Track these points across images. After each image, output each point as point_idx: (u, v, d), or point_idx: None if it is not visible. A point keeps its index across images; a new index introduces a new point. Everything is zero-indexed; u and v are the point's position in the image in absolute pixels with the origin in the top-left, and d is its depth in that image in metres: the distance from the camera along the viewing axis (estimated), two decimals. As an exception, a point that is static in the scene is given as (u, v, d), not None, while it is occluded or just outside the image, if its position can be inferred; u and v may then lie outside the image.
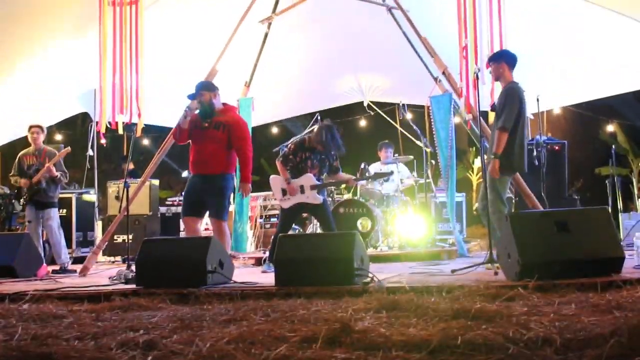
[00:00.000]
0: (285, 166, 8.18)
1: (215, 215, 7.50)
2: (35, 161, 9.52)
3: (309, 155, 8.13)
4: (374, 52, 12.11)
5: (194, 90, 7.58)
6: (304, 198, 8.01)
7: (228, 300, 5.25)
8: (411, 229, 10.29)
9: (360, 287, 5.36)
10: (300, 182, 8.03)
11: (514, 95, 7.01)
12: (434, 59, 9.20)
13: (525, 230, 5.52)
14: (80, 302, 5.49)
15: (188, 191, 7.69)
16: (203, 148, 7.47)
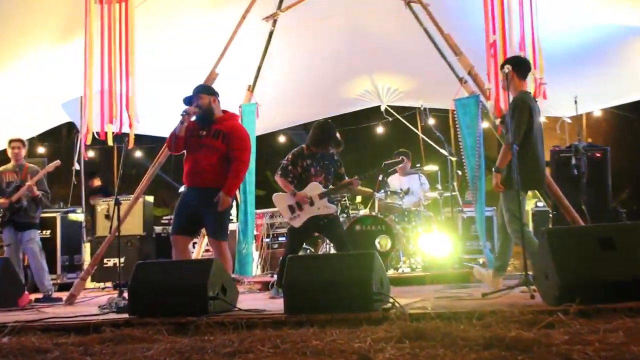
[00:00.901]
0: (286, 179, 8.20)
1: (215, 235, 7.44)
2: (16, 178, 9.55)
3: (310, 162, 8.19)
4: (391, 51, 12.12)
5: (192, 93, 7.52)
6: (316, 210, 8.04)
7: (232, 330, 5.24)
8: (436, 248, 10.23)
9: (379, 314, 5.33)
10: (307, 194, 8.05)
11: (523, 107, 7.02)
12: (458, 57, 9.20)
13: (565, 249, 5.48)
14: (66, 334, 5.48)
15: (181, 206, 7.59)
16: (200, 158, 7.36)
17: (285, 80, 12.52)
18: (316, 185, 8.07)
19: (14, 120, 11.52)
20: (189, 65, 10.92)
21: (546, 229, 5.84)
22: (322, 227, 8.26)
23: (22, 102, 11.07)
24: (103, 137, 9.01)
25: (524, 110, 7.02)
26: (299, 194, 8.03)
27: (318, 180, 8.12)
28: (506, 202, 7.09)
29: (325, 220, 8.14)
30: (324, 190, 8.06)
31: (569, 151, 10.47)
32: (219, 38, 9.91)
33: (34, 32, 9.63)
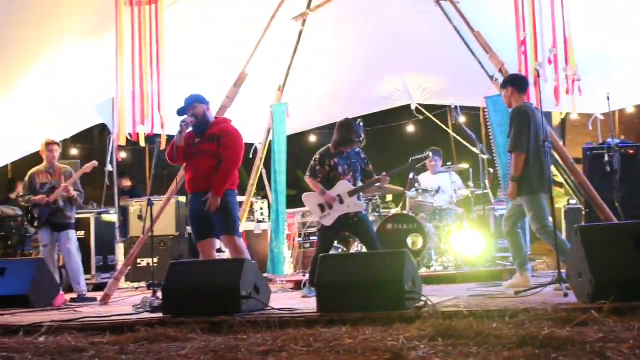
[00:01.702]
0: (315, 179, 8.25)
1: (226, 231, 7.51)
2: (50, 179, 9.63)
3: (338, 161, 8.22)
4: (421, 49, 12.08)
5: (185, 104, 7.60)
6: (345, 209, 8.08)
7: (265, 328, 5.26)
8: (468, 246, 10.21)
9: (412, 313, 5.33)
10: (337, 192, 8.09)
11: (520, 116, 7.30)
12: (489, 55, 9.16)
13: (598, 246, 5.45)
14: (101, 334, 5.55)
15: (193, 214, 7.67)
16: (200, 164, 7.50)
17: (315, 80, 12.54)
18: (345, 184, 8.10)
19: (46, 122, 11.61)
20: (219, 66, 10.96)
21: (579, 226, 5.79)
22: (352, 226, 8.29)
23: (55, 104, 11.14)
24: (135, 139, 9.06)
25: (522, 119, 7.27)
26: (327, 194, 8.08)
27: (347, 179, 8.15)
28: (526, 206, 7.30)
29: (355, 219, 8.17)
30: (354, 188, 8.08)
31: (602, 148, 10.36)
32: (248, 38, 9.93)
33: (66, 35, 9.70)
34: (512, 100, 7.54)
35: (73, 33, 9.74)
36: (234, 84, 9.49)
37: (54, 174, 9.68)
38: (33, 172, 9.77)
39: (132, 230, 12.04)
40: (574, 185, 10.75)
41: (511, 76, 7.95)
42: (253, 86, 10.02)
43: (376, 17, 11.47)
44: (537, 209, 7.24)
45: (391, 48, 12.16)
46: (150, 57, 8.86)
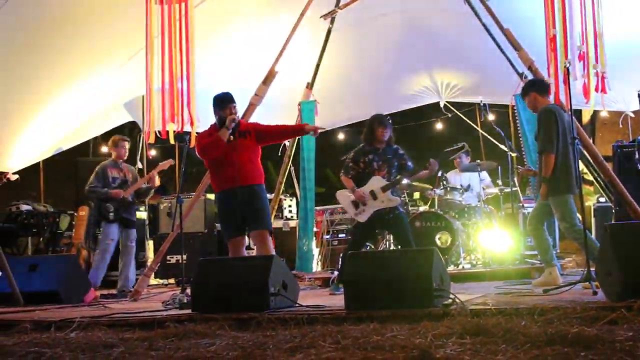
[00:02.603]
0: (347, 176, 8.24)
1: (259, 225, 7.55)
2: (119, 174, 9.74)
3: (372, 157, 8.18)
4: (449, 47, 12.08)
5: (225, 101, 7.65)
6: (380, 204, 8.01)
7: (293, 325, 5.26)
8: (496, 244, 10.16)
9: (440, 310, 5.31)
10: (370, 187, 8.04)
11: (547, 117, 7.28)
12: (518, 52, 9.12)
13: (628, 244, 5.40)
14: (131, 330, 5.57)
15: (227, 210, 7.68)
16: (236, 159, 7.54)
17: (343, 78, 12.55)
18: (378, 179, 8.04)
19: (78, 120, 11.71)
20: (248, 64, 10.99)
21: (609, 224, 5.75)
22: (388, 223, 8.22)
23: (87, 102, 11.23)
24: (165, 136, 9.09)
25: (549, 119, 7.25)
26: (357, 191, 8.04)
27: (381, 175, 8.08)
28: (553, 206, 7.30)
29: (391, 215, 8.09)
30: (387, 183, 8.00)
31: (632, 146, 10.29)
32: (277, 36, 9.95)
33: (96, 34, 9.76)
34: (537, 104, 7.54)
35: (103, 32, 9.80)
36: (263, 82, 9.52)
37: (121, 170, 9.79)
38: (105, 165, 9.81)
39: (161, 227, 12.10)
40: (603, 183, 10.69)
41: (530, 82, 7.97)
42: (282, 84, 10.03)
43: (405, 14, 11.48)
44: (564, 209, 7.22)
45: (419, 45, 12.17)
46: (180, 55, 8.87)
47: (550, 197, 7.27)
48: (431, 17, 11.46)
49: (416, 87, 13.69)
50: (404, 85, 13.54)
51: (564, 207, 7.21)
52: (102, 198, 9.52)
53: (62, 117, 11.31)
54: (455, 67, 13.00)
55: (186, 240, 10.26)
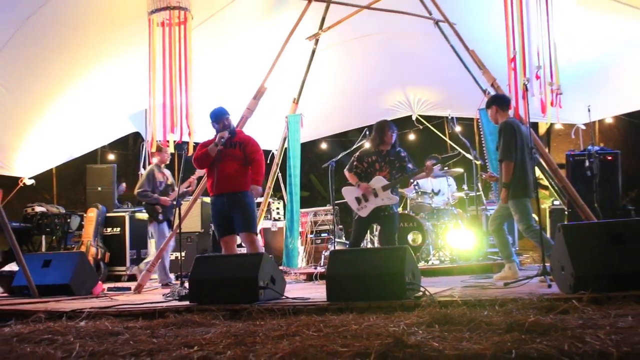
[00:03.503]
0: (351, 172, 8.27)
1: (245, 228, 7.64)
2: (163, 178, 9.73)
3: (375, 158, 8.19)
4: (421, 66, 12.13)
5: (215, 117, 7.75)
6: (380, 202, 8.06)
7: (280, 315, 5.27)
8: (462, 242, 10.20)
9: (412, 302, 5.33)
10: (372, 186, 8.08)
11: (507, 129, 7.34)
12: (482, 71, 9.17)
13: (579, 242, 5.44)
14: (135, 319, 5.57)
15: (217, 213, 7.78)
16: (225, 168, 7.63)
17: (326, 93, 12.57)
18: (380, 179, 8.06)
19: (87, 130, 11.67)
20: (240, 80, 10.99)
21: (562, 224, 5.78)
22: (382, 219, 8.22)
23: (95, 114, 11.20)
24: (165, 145, 9.08)
25: (508, 132, 7.30)
26: (363, 185, 8.08)
27: (382, 175, 8.09)
28: (512, 209, 7.35)
29: (387, 212, 8.13)
30: (387, 183, 8.03)
31: (583, 154, 10.38)
32: (267, 56, 9.95)
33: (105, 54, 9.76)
34: (498, 117, 7.60)
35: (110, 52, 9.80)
36: (254, 97, 9.51)
37: (164, 174, 9.84)
38: (152, 170, 9.79)
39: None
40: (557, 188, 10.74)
41: (493, 97, 8.01)
42: (271, 99, 10.03)
43: (381, 36, 11.51)
44: (522, 211, 7.26)
45: (394, 64, 12.20)
46: (179, 72, 8.85)
47: (510, 201, 7.31)
48: (404, 39, 11.49)
49: (391, 102, 13.71)
50: (380, 100, 13.57)
51: (521, 209, 7.26)
52: (152, 202, 9.51)
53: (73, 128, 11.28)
54: (426, 84, 13.05)
55: (184, 239, 10.24)
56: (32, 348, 4.09)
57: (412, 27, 10.74)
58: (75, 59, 9.71)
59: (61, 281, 8.05)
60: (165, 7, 8.74)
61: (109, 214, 11.95)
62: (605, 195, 9.84)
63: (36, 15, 8.70)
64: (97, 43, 9.50)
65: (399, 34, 11.37)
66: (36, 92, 10.05)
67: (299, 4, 9.95)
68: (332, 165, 9.30)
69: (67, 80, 10.09)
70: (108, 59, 9.92)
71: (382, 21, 10.72)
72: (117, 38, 9.52)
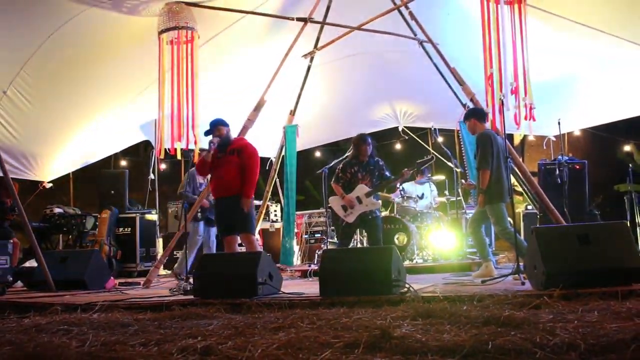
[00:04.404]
0: (338, 184, 8.31)
1: (244, 229, 7.67)
2: (203, 180, 9.73)
3: (357, 168, 8.25)
4: (407, 81, 12.16)
5: (210, 127, 7.83)
6: (364, 207, 8.11)
7: (277, 309, 5.26)
8: (444, 243, 10.21)
9: (398, 297, 5.33)
10: (356, 194, 8.13)
11: (484, 140, 7.39)
12: (462, 87, 9.18)
13: (550, 243, 5.45)
14: (144, 312, 5.56)
15: (219, 214, 7.86)
16: (223, 173, 7.64)
17: (320, 106, 12.59)
18: (363, 187, 8.12)
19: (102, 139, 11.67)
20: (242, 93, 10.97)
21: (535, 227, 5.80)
22: (368, 223, 8.24)
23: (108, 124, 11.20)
24: (173, 152, 9.06)
25: (485, 143, 7.33)
26: (346, 197, 8.13)
27: (364, 183, 8.15)
28: (489, 212, 7.34)
29: (371, 217, 8.18)
30: (369, 190, 8.09)
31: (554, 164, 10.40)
32: (266, 71, 9.95)
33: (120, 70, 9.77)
34: (476, 129, 7.64)
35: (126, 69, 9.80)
36: (254, 109, 9.49)
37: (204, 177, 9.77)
38: (193, 173, 9.70)
39: (169, 227, 12.03)
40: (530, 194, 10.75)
41: (471, 110, 8.08)
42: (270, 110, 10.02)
43: (370, 55, 11.52)
44: (498, 215, 7.27)
45: (382, 80, 12.22)
46: (186, 86, 8.84)
47: (487, 205, 7.31)
48: (392, 57, 11.49)
49: (379, 114, 13.73)
50: (370, 112, 13.59)
51: (497, 213, 7.26)
52: (192, 202, 9.44)
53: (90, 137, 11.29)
54: (411, 98, 13.07)
55: (190, 238, 10.19)
56: (49, 338, 4.08)
57: (399, 46, 10.76)
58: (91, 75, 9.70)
59: (77, 276, 8.04)
60: (174, 27, 8.74)
61: (121, 215, 11.92)
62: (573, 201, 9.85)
63: (57, 32, 8.70)
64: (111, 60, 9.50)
65: (387, 52, 11.38)
66: (56, 105, 10.05)
67: (295, 25, 9.95)
68: (325, 171, 9.35)
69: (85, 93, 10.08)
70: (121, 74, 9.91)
71: (371, 41, 10.71)
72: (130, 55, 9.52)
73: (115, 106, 10.74)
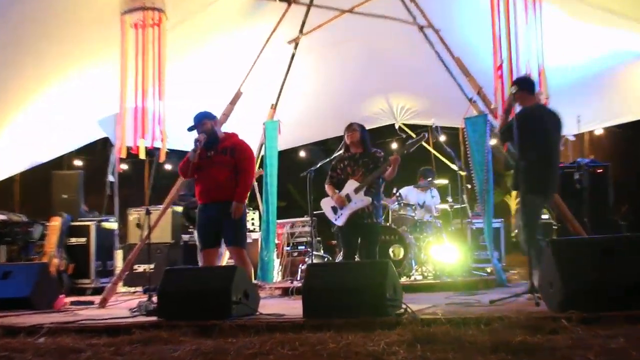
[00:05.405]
0: (329, 184, 8.19)
1: (235, 242, 7.57)
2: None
3: (347, 163, 8.11)
4: (405, 72, 12.15)
5: (193, 122, 7.72)
6: (353, 206, 7.85)
7: (254, 333, 5.23)
8: (446, 257, 10.21)
9: (393, 319, 5.31)
10: (345, 192, 7.94)
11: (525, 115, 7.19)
12: (468, 79, 9.19)
13: (568, 258, 5.45)
14: (98, 336, 5.50)
15: (204, 223, 7.70)
16: (213, 175, 7.57)
17: (305, 99, 12.56)
18: (352, 183, 7.91)
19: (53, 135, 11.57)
20: (216, 84, 10.94)
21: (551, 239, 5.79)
22: (361, 229, 7.96)
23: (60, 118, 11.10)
24: (135, 151, 9.01)
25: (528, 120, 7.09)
26: (336, 196, 7.96)
27: (355, 179, 7.93)
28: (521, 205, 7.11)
29: (366, 221, 7.89)
30: (358, 185, 7.85)
31: (572, 167, 10.41)
32: (244, 59, 9.93)
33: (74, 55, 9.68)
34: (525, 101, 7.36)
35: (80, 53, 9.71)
36: (230, 102, 9.48)
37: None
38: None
39: (130, 237, 11.98)
40: (546, 201, 10.78)
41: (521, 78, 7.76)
42: (247, 104, 10.00)
43: (363, 42, 11.51)
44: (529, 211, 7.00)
45: (377, 71, 12.22)
46: (152, 75, 8.82)
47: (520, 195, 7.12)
48: (388, 45, 11.50)
49: (373, 109, 13.74)
50: (362, 107, 13.58)
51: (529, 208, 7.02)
52: (192, 206, 9.38)
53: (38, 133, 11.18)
54: (410, 91, 13.09)
55: (153, 250, 10.16)
56: (-14, 366, 4.02)
57: (396, 32, 10.75)
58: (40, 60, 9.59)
59: (21, 294, 7.95)
60: (139, 7, 8.69)
61: (74, 222, 11.82)
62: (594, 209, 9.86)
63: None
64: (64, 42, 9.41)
65: (382, 39, 11.38)
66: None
67: (278, 7, 9.93)
68: (310, 173, 9.28)
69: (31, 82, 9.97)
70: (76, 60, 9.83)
71: (364, 26, 10.71)
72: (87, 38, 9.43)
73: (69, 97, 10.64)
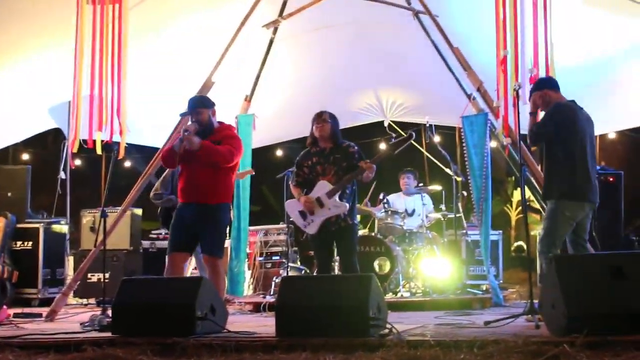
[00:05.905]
0: (294, 184, 7.95)
1: (210, 251, 7.41)
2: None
3: (317, 160, 7.81)
4: (397, 64, 12.16)
5: (188, 107, 7.53)
6: (327, 212, 7.58)
7: (220, 352, 5.24)
8: (438, 272, 10.23)
9: (376, 340, 5.33)
10: (315, 195, 7.63)
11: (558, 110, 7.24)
12: (467, 73, 9.22)
13: (573, 276, 5.47)
14: (45, 352, 5.49)
15: (179, 223, 7.50)
16: (197, 172, 7.35)
17: (284, 91, 12.55)
18: (324, 184, 7.59)
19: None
20: (184, 72, 10.93)
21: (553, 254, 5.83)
22: (336, 234, 7.74)
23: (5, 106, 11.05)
24: (91, 145, 8.97)
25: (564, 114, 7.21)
26: (302, 198, 7.67)
27: (327, 179, 7.63)
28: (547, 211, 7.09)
29: (340, 225, 7.66)
30: (332, 188, 7.53)
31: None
32: (216, 44, 9.92)
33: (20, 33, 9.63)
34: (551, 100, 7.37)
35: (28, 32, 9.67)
36: (199, 92, 9.47)
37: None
38: (173, 172, 9.42)
39: (83, 242, 11.90)
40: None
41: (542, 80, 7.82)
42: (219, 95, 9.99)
43: (351, 28, 11.52)
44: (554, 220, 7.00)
45: (365, 61, 12.21)
46: (111, 59, 8.79)
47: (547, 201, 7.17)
48: (378, 32, 11.52)
49: (360, 104, 13.72)
50: (348, 101, 13.55)
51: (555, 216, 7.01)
52: (170, 206, 9.33)
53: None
54: (402, 85, 13.07)
55: (109, 258, 10.13)
56: None
57: (388, 18, 10.78)
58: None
59: (-42, 305, 7.93)
60: (97, -20, 8.69)
61: (19, 224, 11.73)
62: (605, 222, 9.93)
63: None
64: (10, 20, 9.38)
65: (373, 25, 11.41)
66: None
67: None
68: (287, 175, 9.26)
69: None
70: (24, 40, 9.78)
71: (353, 10, 10.75)
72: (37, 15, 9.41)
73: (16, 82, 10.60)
